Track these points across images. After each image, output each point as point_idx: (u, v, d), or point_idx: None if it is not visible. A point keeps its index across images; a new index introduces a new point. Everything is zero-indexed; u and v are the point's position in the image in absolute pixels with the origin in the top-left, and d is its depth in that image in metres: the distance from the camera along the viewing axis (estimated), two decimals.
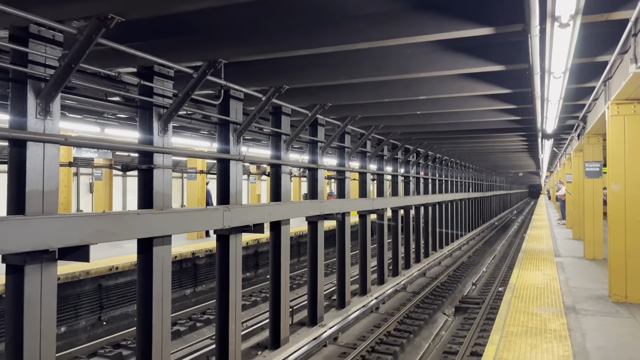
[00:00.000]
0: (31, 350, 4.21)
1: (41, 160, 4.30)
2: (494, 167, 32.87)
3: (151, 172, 5.67)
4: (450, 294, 13.74)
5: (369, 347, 8.98)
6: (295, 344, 8.31)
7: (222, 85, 6.20)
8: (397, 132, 12.34)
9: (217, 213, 6.38)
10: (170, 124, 5.80)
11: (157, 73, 5.63)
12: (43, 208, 4.28)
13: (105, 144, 6.11)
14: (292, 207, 8.56)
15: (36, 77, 4.24)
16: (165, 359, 5.70)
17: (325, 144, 9.65)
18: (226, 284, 6.94)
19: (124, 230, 4.95)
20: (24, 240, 3.96)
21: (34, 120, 4.24)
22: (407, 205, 14.82)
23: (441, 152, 18.66)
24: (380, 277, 13.11)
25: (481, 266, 18.43)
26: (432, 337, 10.15)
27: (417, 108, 9.11)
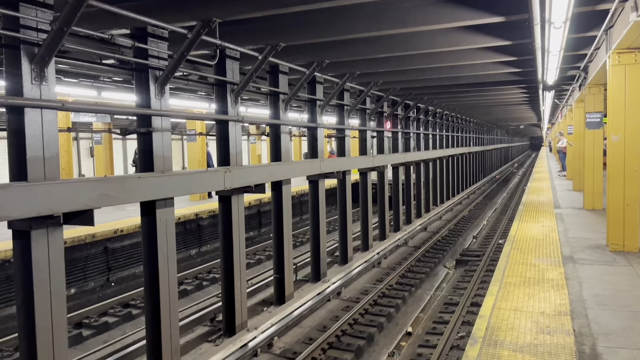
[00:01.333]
0: (43, 312, 4.34)
1: (40, 127, 4.30)
2: (494, 120, 32.68)
3: (150, 136, 5.68)
4: (451, 248, 13.96)
5: (372, 300, 9.21)
6: (299, 299, 8.53)
7: (218, 45, 6.11)
8: (396, 88, 12.22)
9: (218, 175, 6.42)
10: (167, 86, 5.76)
11: (151, 34, 5.54)
12: (45, 174, 4.32)
13: (103, 108, 6.09)
14: (293, 167, 8.60)
15: (29, 42, 4.19)
16: (173, 317, 5.88)
17: (324, 102, 9.59)
18: (230, 243, 7.06)
19: (126, 193, 5.01)
20: (28, 206, 4.02)
21: (30, 86, 4.22)
22: (407, 161, 14.84)
23: (441, 107, 18.52)
24: (381, 233, 13.30)
25: (482, 219, 18.64)
26: (433, 290, 10.39)
27: (417, 63, 8.99)
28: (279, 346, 7.34)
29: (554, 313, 5.32)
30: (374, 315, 8.61)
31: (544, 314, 5.31)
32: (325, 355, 7.01)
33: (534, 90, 13.96)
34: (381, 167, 12.64)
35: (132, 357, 6.85)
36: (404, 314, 8.99)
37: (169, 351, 5.79)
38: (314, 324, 8.20)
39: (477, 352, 4.40)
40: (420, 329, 8.39)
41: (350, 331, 7.88)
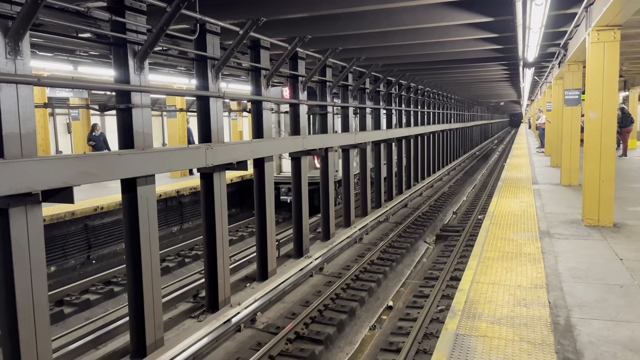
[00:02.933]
0: (23, 290, 4.31)
1: (15, 102, 4.20)
2: (475, 97, 32.86)
3: (130, 112, 5.58)
4: (432, 223, 14.17)
5: (354, 275, 9.34)
6: (282, 275, 8.61)
7: (198, 19, 5.99)
8: (378, 64, 12.17)
9: (200, 151, 6.37)
10: (146, 61, 5.65)
11: (129, 7, 5.40)
12: (22, 151, 4.24)
13: (80, 83, 5.95)
14: (275, 144, 8.57)
15: (2, 15, 4.05)
16: (156, 293, 5.89)
17: (306, 78, 9.51)
18: (212, 220, 7.06)
19: (106, 171, 4.95)
20: (5, 183, 3.94)
21: (4, 60, 4.09)
22: (389, 138, 14.89)
23: (423, 83, 18.53)
24: (363, 210, 13.41)
25: (462, 195, 18.90)
26: (414, 265, 10.57)
27: (399, 39, 8.95)
28: (262, 321, 7.43)
29: (530, 286, 5.48)
30: (356, 290, 8.74)
31: (521, 287, 5.46)
32: (307, 329, 7.12)
33: (514, 67, 14.04)
34: (363, 144, 12.67)
35: (115, 334, 6.87)
36: (385, 288, 9.15)
37: (152, 327, 5.82)
38: (297, 299, 8.30)
39: (457, 324, 4.53)
40: (401, 302, 8.55)
41: (332, 306, 8.00)
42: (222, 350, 6.54)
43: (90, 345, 6.53)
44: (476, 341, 4.21)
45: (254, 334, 7.03)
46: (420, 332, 6.92)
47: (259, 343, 6.61)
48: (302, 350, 6.49)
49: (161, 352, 5.79)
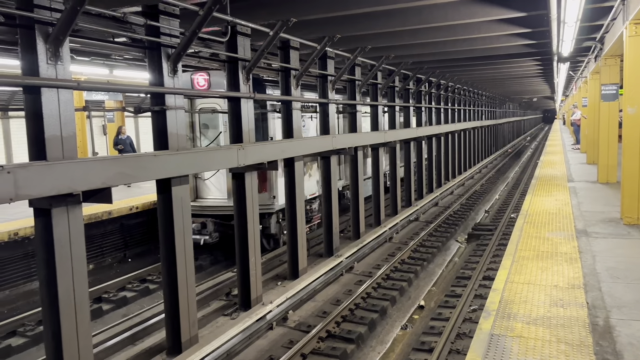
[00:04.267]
0: (65, 288, 4.46)
1: (56, 106, 4.35)
2: (507, 93, 32.24)
3: (164, 114, 5.71)
4: (463, 222, 13.98)
5: (384, 274, 9.31)
6: (313, 274, 8.65)
7: (229, 21, 6.07)
8: (408, 62, 12.09)
9: (232, 152, 6.46)
10: (179, 64, 5.76)
11: (163, 12, 5.52)
12: (63, 153, 4.39)
13: (117, 87, 6.12)
14: (304, 144, 8.61)
15: (43, 21, 4.21)
16: (191, 291, 6.01)
17: (335, 77, 9.53)
18: (244, 219, 7.14)
19: (142, 171, 5.08)
20: (48, 184, 4.09)
21: (46, 66, 4.25)
22: (419, 136, 14.77)
23: (453, 80, 18.29)
24: (393, 209, 13.34)
25: (494, 194, 18.59)
26: (445, 264, 10.46)
27: (429, 36, 8.87)
28: (293, 319, 7.48)
29: (567, 286, 5.36)
30: (387, 289, 8.71)
31: (558, 287, 5.35)
32: (339, 328, 7.14)
33: (548, 62, 13.72)
34: (392, 143, 12.60)
35: (151, 330, 7.02)
36: (416, 287, 9.09)
37: (187, 324, 5.94)
38: (328, 298, 8.33)
39: (491, 324, 4.47)
40: (432, 302, 8.49)
41: (363, 305, 8.00)
42: (255, 348, 6.62)
43: (127, 342, 6.70)
44: (512, 341, 4.15)
45: (286, 332, 7.09)
46: (452, 332, 6.86)
47: (291, 341, 6.67)
48: (334, 348, 6.51)
49: (196, 349, 5.91)
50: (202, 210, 10.23)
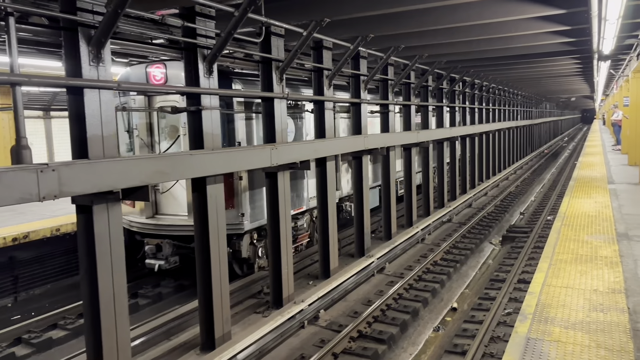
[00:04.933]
0: (105, 282, 4.60)
1: (98, 106, 4.48)
2: (543, 93, 31.46)
3: (199, 114, 5.81)
4: (497, 224, 13.73)
5: (416, 276, 9.23)
6: (344, 274, 8.65)
7: (263, 22, 6.14)
8: (442, 61, 11.95)
9: (265, 152, 6.53)
10: (214, 64, 5.85)
11: (199, 13, 5.62)
12: (104, 152, 4.52)
13: (155, 88, 6.26)
14: (337, 143, 8.62)
15: (86, 24, 4.35)
16: (224, 288, 6.09)
17: (368, 77, 9.51)
18: (277, 218, 7.21)
19: (178, 170, 5.19)
20: (90, 182, 4.23)
21: (88, 67, 4.39)
22: (452, 136, 14.59)
23: (488, 80, 17.98)
24: (425, 210, 13.20)
25: (529, 195, 18.18)
26: (479, 266, 10.30)
27: (464, 35, 8.75)
28: (325, 319, 7.50)
29: (607, 291, 5.20)
30: (419, 291, 8.64)
31: (597, 291, 5.20)
32: (370, 328, 7.12)
33: (587, 60, 13.33)
34: (425, 143, 12.48)
35: (186, 326, 7.15)
36: (448, 289, 8.98)
37: (220, 321, 6.03)
38: (359, 298, 8.31)
39: (527, 327, 4.38)
40: (465, 304, 8.37)
41: (395, 306, 7.96)
42: (287, 346, 6.67)
43: (162, 337, 6.85)
44: (549, 346, 4.05)
45: (317, 331, 7.12)
46: (486, 335, 6.75)
47: (322, 340, 6.68)
48: (365, 349, 6.50)
49: (229, 346, 5.99)
50: (158, 229, 8.49)
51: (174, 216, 8.60)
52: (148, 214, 8.72)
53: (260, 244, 8.80)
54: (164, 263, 8.51)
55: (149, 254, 8.66)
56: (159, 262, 8.49)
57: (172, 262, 8.63)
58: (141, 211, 8.83)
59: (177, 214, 8.59)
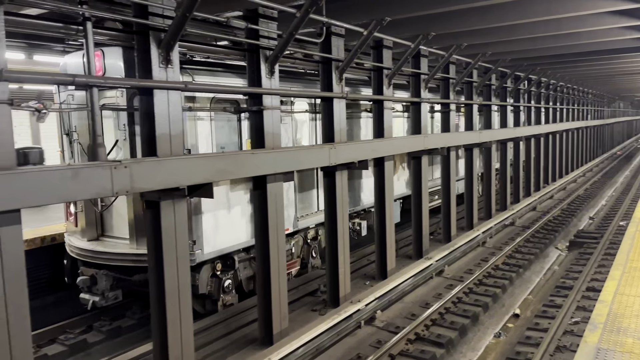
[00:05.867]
0: (171, 275, 4.79)
1: (166, 107, 4.68)
2: (617, 91, 29.71)
3: (261, 114, 5.93)
4: (564, 229, 13.12)
5: (476, 279, 8.99)
6: (401, 275, 8.56)
7: (324, 22, 6.18)
8: (506, 59, 11.56)
9: (324, 151, 6.57)
10: (276, 65, 5.96)
11: (262, 15, 5.74)
12: (171, 150, 4.72)
13: (220, 88, 6.46)
14: (395, 143, 8.55)
15: (156, 28, 4.55)
16: (282, 285, 6.19)
17: (428, 75, 9.36)
18: (334, 217, 7.24)
19: (240, 168, 5.33)
20: (158, 179, 4.42)
21: (158, 69, 4.60)
22: (516, 137, 14.09)
23: (555, 78, 17.20)
24: (487, 212, 12.82)
25: (599, 199, 17.25)
26: (543, 272, 9.89)
27: (529, 31, 8.43)
28: (381, 320, 7.46)
29: None
30: (479, 295, 8.41)
31: None
32: (428, 331, 7.01)
33: None
34: (488, 143, 12.12)
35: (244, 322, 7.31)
36: (510, 295, 8.68)
37: (278, 317, 6.14)
38: (416, 300, 8.20)
39: (598, 338, 4.17)
40: (528, 311, 8.06)
41: (453, 309, 7.79)
42: (343, 345, 6.69)
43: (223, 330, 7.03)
44: (621, 357, 3.83)
45: (374, 332, 7.09)
46: (551, 343, 6.47)
47: (379, 341, 6.65)
48: (423, 352, 6.40)
49: (287, 342, 6.09)
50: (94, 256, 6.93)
51: (115, 240, 7.20)
52: (91, 236, 7.24)
53: (227, 275, 7.21)
54: (99, 299, 6.93)
55: (83, 286, 7.05)
56: (92, 297, 6.94)
57: (110, 297, 6.97)
58: (82, 231, 7.28)
59: (119, 237, 7.17)
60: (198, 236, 6.60)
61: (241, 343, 6.42)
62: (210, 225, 6.77)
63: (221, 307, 7.25)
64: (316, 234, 8.95)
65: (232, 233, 7.04)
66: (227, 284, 7.24)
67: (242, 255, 7.39)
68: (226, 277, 7.21)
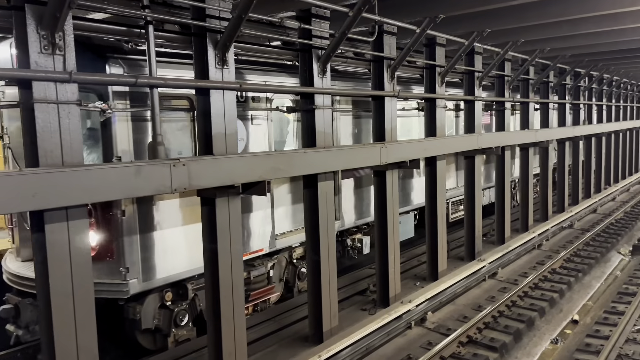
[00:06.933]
0: (225, 270, 4.92)
1: (222, 106, 4.81)
2: None
3: (313, 113, 5.98)
4: (627, 232, 12.49)
5: (532, 283, 8.70)
6: (453, 277, 8.41)
7: (376, 21, 6.16)
8: (565, 55, 11.11)
9: (375, 150, 6.55)
10: (328, 65, 5.99)
11: (315, 15, 5.79)
12: (226, 148, 4.84)
13: (272, 88, 6.56)
14: (447, 142, 8.41)
15: (213, 30, 4.68)
16: (332, 284, 6.23)
17: (483, 73, 9.14)
18: (384, 217, 7.20)
19: (292, 167, 5.40)
20: (214, 176, 4.55)
21: (214, 69, 4.73)
22: (576, 136, 13.51)
23: (619, 74, 16.37)
24: (543, 214, 12.37)
25: None
26: (604, 277, 9.45)
27: (592, 26, 8.06)
28: (432, 321, 7.36)
29: None
30: (535, 299, 8.14)
31: None
32: (481, 334, 6.86)
33: None
34: (545, 143, 11.70)
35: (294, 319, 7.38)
36: (569, 300, 8.35)
37: (328, 316, 6.18)
38: (469, 303, 8.04)
39: None
40: (588, 317, 7.73)
41: (507, 313, 7.58)
42: (393, 345, 6.65)
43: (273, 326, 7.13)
44: None
45: (424, 333, 7.00)
46: (612, 352, 6.19)
47: (430, 342, 6.57)
48: (475, 355, 6.27)
49: (336, 340, 6.12)
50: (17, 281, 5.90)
51: None
52: (25, 255, 6.19)
53: (181, 306, 6.17)
54: (22, 333, 5.88)
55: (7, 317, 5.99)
56: (16, 331, 5.89)
57: (36, 331, 5.86)
58: (17, 250, 6.38)
59: None
60: (132, 262, 5.50)
61: (291, 340, 6.49)
62: (152, 248, 5.68)
63: (172, 343, 6.17)
64: (305, 252, 7.49)
65: (186, 256, 5.93)
66: (183, 316, 6.19)
67: (201, 282, 5.94)
68: (179, 308, 6.15)
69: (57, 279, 3.69)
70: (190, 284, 6.13)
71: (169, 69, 5.51)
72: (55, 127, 3.65)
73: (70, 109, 3.73)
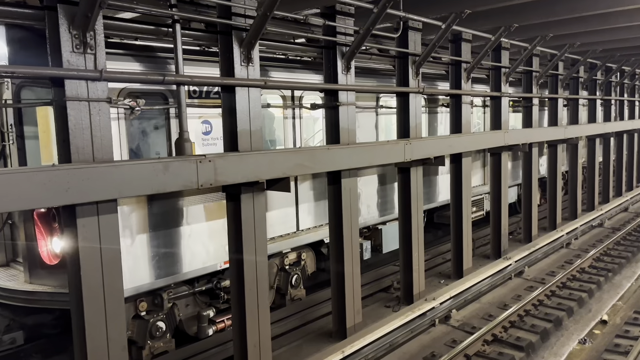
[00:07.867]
0: (249, 265, 4.99)
1: (247, 103, 4.87)
2: None
3: (337, 110, 5.99)
4: None
5: (560, 282, 8.55)
6: (478, 275, 8.34)
7: (401, 17, 6.12)
8: (596, 49, 10.85)
9: (399, 147, 6.53)
10: (352, 61, 6.00)
11: (339, 12, 5.80)
12: (251, 145, 4.90)
13: (297, 85, 6.61)
14: (473, 139, 8.32)
15: (239, 27, 4.74)
16: (356, 280, 6.26)
17: (510, 69, 9.01)
18: (408, 213, 7.18)
19: (316, 163, 5.42)
20: (240, 173, 4.61)
21: (239, 67, 4.78)
22: (606, 132, 13.19)
23: None
24: (572, 212, 12.13)
25: None
26: (635, 277, 9.22)
27: (625, 19, 7.84)
28: (456, 319, 7.31)
29: None
30: (562, 299, 8.00)
31: None
32: (506, 333, 6.77)
33: None
34: (574, 140, 11.46)
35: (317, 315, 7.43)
36: (598, 300, 8.17)
37: (352, 312, 6.21)
38: (494, 301, 7.95)
39: None
40: (618, 318, 7.56)
41: (534, 312, 7.47)
42: (417, 342, 6.63)
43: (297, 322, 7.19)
44: None
45: (449, 331, 6.96)
46: None
47: (454, 340, 6.52)
48: (501, 354, 6.20)
49: (360, 336, 6.13)
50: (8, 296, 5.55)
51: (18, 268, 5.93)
52: None
53: (157, 316, 5.74)
54: None
55: None
56: None
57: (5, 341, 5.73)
58: None
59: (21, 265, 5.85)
60: None
61: (315, 335, 6.55)
62: None
63: (147, 356, 5.79)
64: (298, 257, 7.31)
65: (161, 263, 5.54)
66: (160, 326, 5.81)
67: (181, 290, 5.90)
68: (155, 318, 5.75)
69: (89, 271, 3.80)
70: (166, 293, 5.74)
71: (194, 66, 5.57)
72: (87, 124, 3.75)
73: (100, 107, 3.83)
